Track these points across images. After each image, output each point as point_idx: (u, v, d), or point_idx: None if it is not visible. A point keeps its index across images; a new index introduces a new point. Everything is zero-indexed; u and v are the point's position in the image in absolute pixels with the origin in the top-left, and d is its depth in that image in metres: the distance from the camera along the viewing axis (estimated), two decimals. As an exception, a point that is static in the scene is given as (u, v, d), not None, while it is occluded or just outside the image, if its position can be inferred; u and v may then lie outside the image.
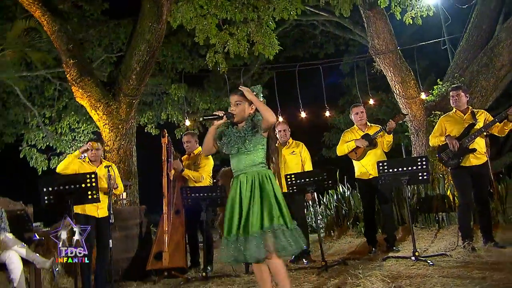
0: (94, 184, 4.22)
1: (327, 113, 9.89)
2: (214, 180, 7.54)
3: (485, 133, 4.77)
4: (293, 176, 4.79)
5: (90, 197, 4.24)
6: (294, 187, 4.78)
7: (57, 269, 5.42)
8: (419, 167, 4.55)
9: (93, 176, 4.23)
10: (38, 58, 9.79)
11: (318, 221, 7.76)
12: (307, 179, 4.74)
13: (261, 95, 3.06)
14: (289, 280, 2.89)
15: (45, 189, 4.13)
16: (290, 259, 5.31)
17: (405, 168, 4.57)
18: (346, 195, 7.50)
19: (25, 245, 4.57)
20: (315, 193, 5.46)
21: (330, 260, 4.92)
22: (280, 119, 9.08)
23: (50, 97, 11.38)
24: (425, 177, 4.61)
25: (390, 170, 4.61)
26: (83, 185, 4.19)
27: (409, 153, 9.50)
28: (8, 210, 5.06)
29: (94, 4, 10.30)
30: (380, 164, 4.67)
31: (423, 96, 8.08)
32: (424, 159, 4.61)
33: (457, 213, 5.40)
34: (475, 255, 4.34)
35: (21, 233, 4.92)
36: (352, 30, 11.54)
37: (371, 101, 9.80)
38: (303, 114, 9.70)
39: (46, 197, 4.14)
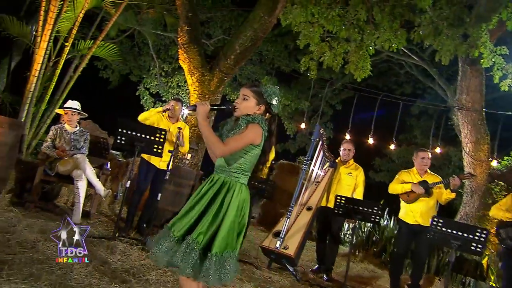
0: (162, 140, 3.65)
1: (392, 146, 8.40)
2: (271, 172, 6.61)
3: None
4: (343, 198, 3.79)
5: (155, 150, 3.69)
6: (341, 209, 3.78)
7: (121, 194, 4.98)
8: (476, 237, 3.35)
9: (163, 133, 3.64)
10: (171, 22, 9.54)
11: (349, 238, 6.65)
12: (356, 207, 3.71)
13: (276, 98, 2.00)
14: None
15: (119, 129, 3.57)
16: (312, 269, 4.35)
17: (460, 233, 3.39)
18: (382, 224, 6.28)
19: (93, 169, 4.11)
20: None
21: (349, 285, 3.91)
22: (347, 137, 7.91)
23: (171, 56, 11.21)
24: (478, 249, 3.39)
25: (444, 229, 3.45)
26: (152, 138, 3.61)
27: (450, 207, 7.85)
28: (94, 135, 4.67)
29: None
30: (436, 220, 3.51)
31: (494, 163, 6.42)
32: (485, 231, 3.38)
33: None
34: None
35: (96, 158, 4.48)
36: (435, 80, 9.82)
37: (438, 150, 8.14)
38: (370, 140, 8.28)
39: (119, 136, 3.60)
